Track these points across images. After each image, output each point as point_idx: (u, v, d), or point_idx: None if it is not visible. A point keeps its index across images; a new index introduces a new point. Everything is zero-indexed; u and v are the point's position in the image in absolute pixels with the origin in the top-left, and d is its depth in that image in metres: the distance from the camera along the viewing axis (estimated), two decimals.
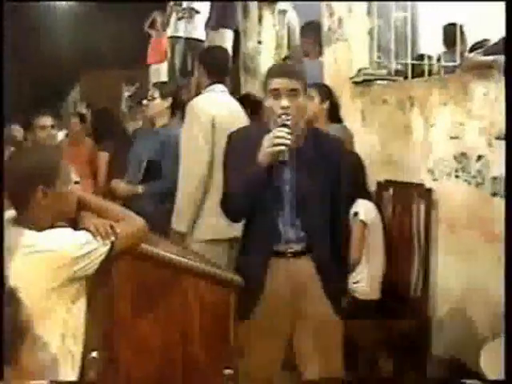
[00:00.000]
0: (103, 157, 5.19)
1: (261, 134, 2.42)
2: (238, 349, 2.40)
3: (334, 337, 2.52)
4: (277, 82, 2.43)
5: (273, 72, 2.53)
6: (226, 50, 4.03)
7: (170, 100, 3.84)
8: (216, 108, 3.40)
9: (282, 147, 2.30)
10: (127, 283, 2.28)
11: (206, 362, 2.35)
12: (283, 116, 2.36)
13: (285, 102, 2.40)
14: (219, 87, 3.52)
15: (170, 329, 2.33)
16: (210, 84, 3.52)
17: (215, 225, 3.28)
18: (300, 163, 2.49)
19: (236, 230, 3.45)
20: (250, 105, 4.87)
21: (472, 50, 4.31)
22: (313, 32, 5.07)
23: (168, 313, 2.32)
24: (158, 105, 3.85)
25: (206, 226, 3.34)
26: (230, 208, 2.55)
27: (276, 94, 2.42)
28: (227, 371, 2.34)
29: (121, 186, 3.85)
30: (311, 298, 2.47)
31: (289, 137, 2.31)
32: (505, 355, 1.47)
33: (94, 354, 2.15)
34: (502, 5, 3.07)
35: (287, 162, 2.37)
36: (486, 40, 4.21)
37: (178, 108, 3.87)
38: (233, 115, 3.47)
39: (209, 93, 3.51)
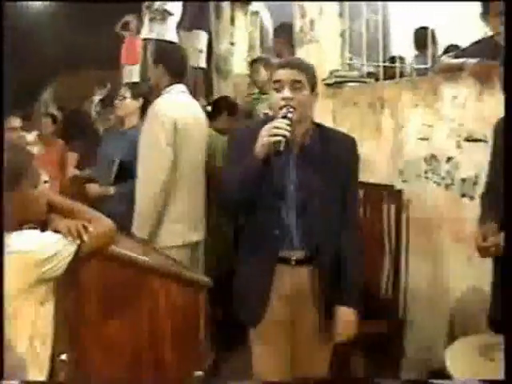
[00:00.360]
0: (72, 157, 5.17)
1: None
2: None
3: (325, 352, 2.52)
4: (279, 73, 2.34)
5: (277, 65, 2.44)
6: (184, 49, 3.96)
7: (141, 101, 3.82)
8: (178, 110, 3.32)
9: (279, 137, 2.18)
10: (96, 285, 2.26)
11: (176, 364, 2.34)
12: (284, 108, 2.27)
13: (287, 93, 2.31)
14: (179, 87, 3.43)
15: (139, 330, 2.33)
16: (170, 84, 3.41)
17: (178, 231, 3.27)
18: (306, 162, 2.40)
19: (199, 234, 3.46)
20: (227, 107, 4.89)
21: (446, 52, 4.36)
22: (285, 33, 5.08)
23: (137, 314, 2.31)
24: (129, 105, 3.83)
25: (168, 232, 3.27)
26: (226, 200, 2.44)
27: (279, 85, 2.33)
28: (197, 373, 2.33)
29: (92, 187, 3.83)
30: (310, 308, 2.42)
31: (288, 128, 2.21)
32: (505, 355, 1.47)
33: (63, 356, 2.13)
34: (477, 6, 3.12)
35: (292, 159, 2.33)
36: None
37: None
38: (194, 117, 3.44)
39: (169, 94, 3.39)
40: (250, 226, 2.47)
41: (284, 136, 2.18)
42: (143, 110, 3.75)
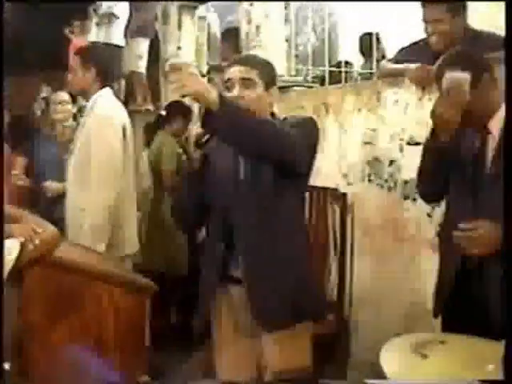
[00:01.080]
0: (19, 161, 5.08)
1: None
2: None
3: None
4: (229, 72, 2.24)
5: (228, 63, 2.33)
6: (117, 49, 3.93)
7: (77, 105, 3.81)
8: (123, 114, 3.30)
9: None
10: (39, 291, 2.23)
11: (121, 370, 2.33)
12: None
13: (235, 92, 2.19)
14: (110, 91, 3.34)
15: (84, 337, 2.31)
16: (103, 87, 3.30)
17: (132, 239, 3.28)
18: (250, 164, 2.26)
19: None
20: (181, 111, 4.91)
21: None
22: (232, 38, 5.11)
23: (82, 320, 2.28)
24: (67, 109, 3.82)
25: (125, 240, 3.24)
26: (175, 212, 2.45)
27: (230, 84, 2.22)
28: (143, 378, 2.33)
29: (52, 185, 3.80)
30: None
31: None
32: (505, 355, 1.51)
33: (6, 365, 2.10)
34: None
35: (242, 163, 2.24)
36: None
37: None
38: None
39: (106, 98, 3.29)
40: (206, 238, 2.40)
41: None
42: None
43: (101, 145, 3.13)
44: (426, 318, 2.66)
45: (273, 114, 2.33)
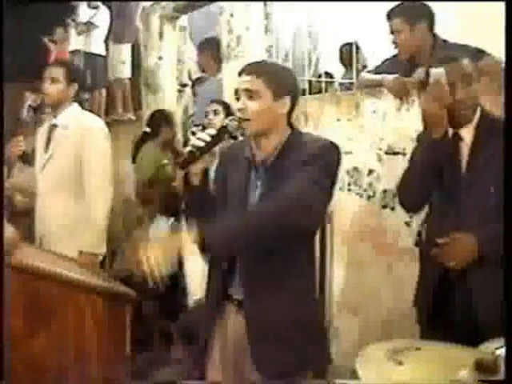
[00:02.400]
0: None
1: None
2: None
3: None
4: (237, 81, 2.09)
5: (239, 71, 2.14)
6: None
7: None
8: (104, 124, 3.42)
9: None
10: (19, 301, 2.23)
11: (102, 380, 2.34)
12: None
13: (239, 104, 2.05)
14: (77, 104, 3.43)
15: (64, 347, 2.31)
16: (73, 101, 3.39)
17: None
18: (269, 182, 2.08)
19: None
20: (165, 118, 4.92)
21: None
22: (210, 48, 5.15)
23: (62, 330, 2.29)
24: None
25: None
26: None
27: (238, 95, 2.08)
28: None
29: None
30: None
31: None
32: (505, 355, 1.53)
33: None
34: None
35: (252, 179, 2.10)
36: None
37: None
38: None
39: (81, 111, 3.44)
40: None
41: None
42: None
43: (94, 153, 3.23)
44: (405, 323, 2.70)
45: (291, 126, 2.16)
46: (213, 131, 2.06)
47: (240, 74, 2.10)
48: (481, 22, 3.10)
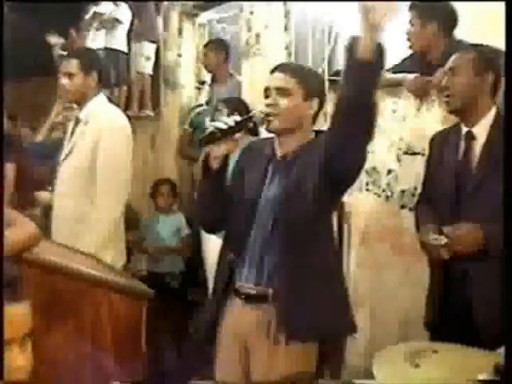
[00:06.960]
0: (9, 168, 5.09)
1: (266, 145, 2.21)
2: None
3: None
4: (268, 79, 2.15)
5: (271, 69, 2.20)
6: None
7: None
8: (125, 121, 3.24)
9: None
10: (37, 296, 2.24)
11: (117, 375, 2.34)
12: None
13: (269, 100, 2.09)
14: (105, 98, 3.28)
15: (81, 342, 2.32)
16: (99, 92, 3.24)
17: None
18: (287, 179, 2.11)
19: None
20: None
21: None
22: (216, 48, 5.16)
23: (79, 326, 2.30)
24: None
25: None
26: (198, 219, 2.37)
27: (268, 92, 2.12)
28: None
29: (43, 195, 3.79)
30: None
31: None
32: (505, 356, 1.52)
33: None
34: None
35: (269, 175, 2.14)
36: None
37: None
38: None
39: (106, 105, 3.26)
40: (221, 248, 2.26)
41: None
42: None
43: (106, 153, 3.07)
44: (422, 325, 2.68)
45: (316, 131, 2.25)
46: (238, 118, 2.11)
47: (272, 71, 2.16)
48: (481, 22, 3.08)
